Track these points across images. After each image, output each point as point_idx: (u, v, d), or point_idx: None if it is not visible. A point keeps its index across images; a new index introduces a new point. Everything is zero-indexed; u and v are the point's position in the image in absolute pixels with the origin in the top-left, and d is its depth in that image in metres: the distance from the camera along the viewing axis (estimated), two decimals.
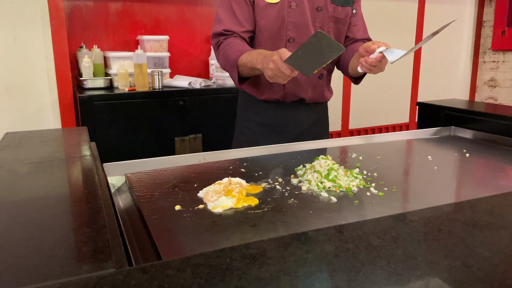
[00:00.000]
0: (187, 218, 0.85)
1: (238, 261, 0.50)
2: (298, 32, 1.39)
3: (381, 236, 0.57)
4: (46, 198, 0.74)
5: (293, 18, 1.37)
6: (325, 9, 1.40)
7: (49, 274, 0.48)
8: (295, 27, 1.38)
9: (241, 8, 1.36)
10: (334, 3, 1.42)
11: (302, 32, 1.39)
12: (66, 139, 1.23)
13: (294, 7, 1.36)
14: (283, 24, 1.38)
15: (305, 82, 1.46)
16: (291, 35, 1.39)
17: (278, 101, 1.48)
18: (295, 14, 1.37)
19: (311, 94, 1.50)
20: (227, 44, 1.35)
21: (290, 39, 1.40)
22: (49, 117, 2.41)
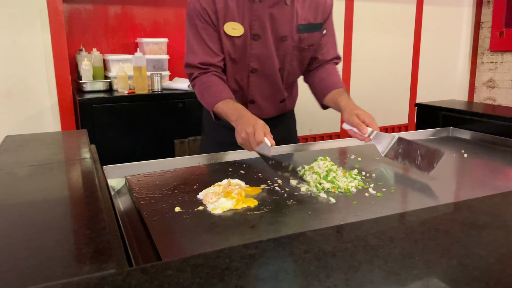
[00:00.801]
0: (186, 220, 0.86)
1: (237, 261, 0.51)
2: (261, 63, 1.37)
3: (379, 236, 0.57)
4: (46, 200, 0.75)
5: (256, 50, 1.35)
6: (290, 38, 1.37)
7: (50, 275, 0.49)
8: (258, 59, 1.36)
9: (211, 37, 1.33)
10: (300, 32, 1.38)
11: (265, 63, 1.38)
12: (66, 142, 1.23)
13: (258, 39, 1.33)
14: (246, 56, 1.36)
15: (267, 108, 1.49)
16: (254, 66, 1.38)
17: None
18: (258, 46, 1.34)
19: (274, 114, 1.53)
20: (203, 82, 1.34)
21: (253, 70, 1.38)
22: (49, 120, 2.42)
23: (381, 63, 3.70)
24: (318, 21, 1.41)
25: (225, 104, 1.27)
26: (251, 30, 1.32)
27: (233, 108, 1.24)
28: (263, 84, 1.43)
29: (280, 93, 1.48)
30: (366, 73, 3.64)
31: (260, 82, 1.42)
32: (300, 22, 1.37)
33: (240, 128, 1.15)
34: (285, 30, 1.35)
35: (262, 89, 1.44)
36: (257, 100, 1.45)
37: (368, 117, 1.23)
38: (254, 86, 1.42)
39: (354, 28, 3.48)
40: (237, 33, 1.32)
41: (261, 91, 1.44)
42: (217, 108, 1.29)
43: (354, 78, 3.59)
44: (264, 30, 1.33)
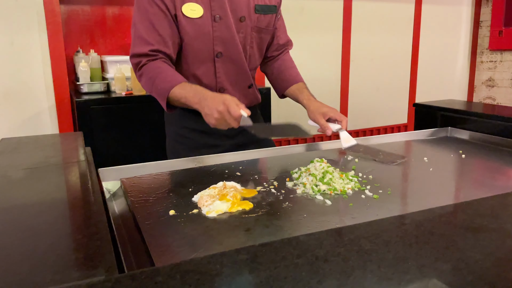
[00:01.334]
0: (181, 223, 0.85)
1: (228, 267, 0.50)
2: (225, 46, 1.33)
3: (373, 240, 0.57)
4: (39, 204, 0.74)
5: (219, 32, 1.30)
6: (248, 19, 1.35)
7: (39, 282, 0.48)
8: (222, 41, 1.32)
9: (161, 23, 1.25)
10: (258, 13, 1.36)
11: (229, 46, 1.34)
12: (61, 144, 1.23)
13: (219, 20, 1.29)
14: (209, 39, 1.30)
15: (237, 95, 1.39)
16: (218, 50, 1.33)
17: None
18: (220, 28, 1.30)
19: (246, 103, 1.44)
20: (152, 69, 1.25)
21: (218, 54, 1.33)
22: (47, 121, 2.41)
23: (380, 62, 3.69)
24: (272, 3, 1.41)
25: (182, 88, 1.19)
26: (211, 11, 1.27)
27: (192, 90, 1.18)
28: (229, 69, 1.38)
29: (247, 77, 1.44)
30: (365, 73, 3.63)
31: (226, 67, 1.37)
32: (257, 2, 1.36)
33: (208, 109, 1.09)
34: (243, 10, 1.33)
35: (230, 74, 1.39)
36: (226, 87, 1.40)
37: (333, 114, 1.26)
38: (222, 72, 1.37)
39: (353, 27, 3.48)
40: (197, 14, 1.26)
41: (229, 77, 1.39)
42: (173, 94, 1.20)
43: (353, 78, 3.58)
44: (224, 11, 1.29)
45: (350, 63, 3.54)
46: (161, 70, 1.24)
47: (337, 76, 3.53)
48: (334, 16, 3.42)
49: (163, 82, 1.22)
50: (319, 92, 3.45)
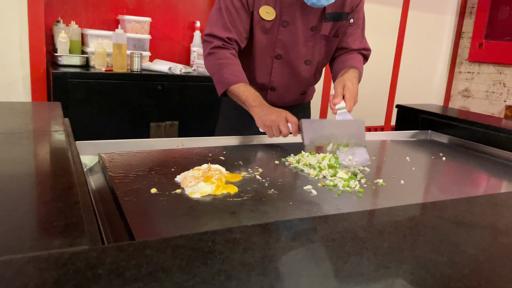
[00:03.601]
0: (163, 202, 0.82)
1: (221, 245, 0.48)
2: (286, 50, 1.39)
3: (367, 229, 0.56)
4: (15, 170, 0.69)
5: (283, 36, 1.36)
6: (319, 28, 1.39)
7: (17, 247, 0.44)
8: (284, 45, 1.38)
9: (242, 17, 1.34)
10: (327, 21, 1.39)
11: (290, 51, 1.39)
12: (38, 112, 1.17)
13: (286, 25, 1.35)
14: (273, 41, 1.38)
15: (287, 97, 1.51)
16: (279, 52, 1.39)
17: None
18: (285, 33, 1.36)
19: (292, 103, 1.55)
20: (226, 57, 1.32)
21: (278, 56, 1.40)
22: (19, 91, 2.30)
23: None
24: (345, 10, 1.42)
25: (247, 88, 1.28)
26: (281, 16, 1.34)
27: (255, 94, 1.27)
28: (286, 72, 1.44)
29: (301, 84, 1.50)
30: None
31: (283, 69, 1.43)
32: (328, 11, 1.37)
33: (264, 114, 1.20)
34: (314, 19, 1.37)
35: (284, 77, 1.45)
36: (277, 87, 1.46)
37: (350, 93, 1.22)
38: (277, 72, 1.43)
39: None
40: (270, 17, 1.34)
41: (283, 79, 1.45)
42: (236, 88, 1.28)
43: None
44: (294, 18, 1.35)
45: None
46: (233, 62, 1.32)
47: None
48: None
49: (232, 74, 1.30)
50: None
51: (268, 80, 1.45)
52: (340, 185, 0.97)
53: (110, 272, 0.40)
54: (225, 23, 1.33)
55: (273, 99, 1.48)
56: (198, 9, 2.99)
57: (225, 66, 1.31)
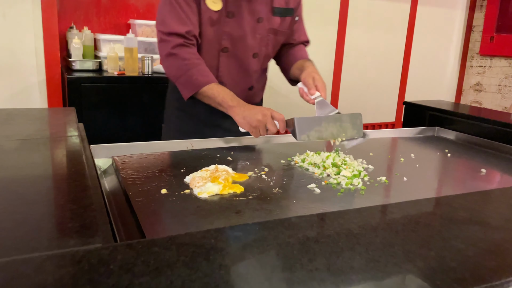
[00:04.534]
0: (172, 202, 0.86)
1: (222, 242, 0.51)
2: (233, 43, 1.35)
3: (361, 226, 0.59)
4: (32, 174, 0.74)
5: (229, 28, 1.32)
6: (266, 20, 1.36)
7: (36, 247, 0.49)
8: (230, 38, 1.34)
9: (192, 8, 1.27)
10: (275, 15, 1.37)
11: (237, 44, 1.35)
12: (54, 118, 1.22)
13: (232, 17, 1.30)
14: (219, 33, 1.32)
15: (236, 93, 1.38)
16: (225, 45, 1.35)
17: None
18: (231, 25, 1.31)
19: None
20: (191, 57, 1.27)
21: (224, 49, 1.35)
22: (36, 96, 2.38)
23: (372, 60, 3.72)
24: (290, 6, 1.41)
25: (221, 88, 1.26)
26: (226, 6, 1.29)
27: (230, 94, 1.25)
28: (233, 66, 1.39)
29: (250, 79, 1.45)
30: (357, 70, 3.66)
31: (230, 63, 1.39)
32: (275, 5, 1.36)
33: (248, 115, 1.18)
34: (262, 11, 1.34)
35: (232, 71, 1.41)
36: (226, 82, 1.41)
37: (321, 84, 1.25)
38: (224, 67, 1.39)
39: (349, 23, 3.49)
40: (217, 7, 1.29)
41: (231, 74, 1.41)
42: (209, 89, 1.25)
43: (345, 74, 3.60)
44: (240, 8, 1.30)
45: (343, 58, 3.56)
46: (199, 62, 1.29)
47: (329, 70, 3.55)
48: (331, 10, 3.43)
49: (201, 75, 1.27)
50: None
51: (216, 74, 1.39)
52: (343, 183, 1.00)
53: (121, 267, 0.45)
54: (179, 17, 1.26)
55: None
56: None
57: (193, 67, 1.27)
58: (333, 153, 1.18)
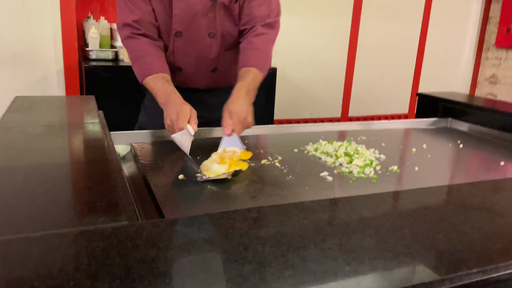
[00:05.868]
0: (190, 187, 0.90)
1: (240, 222, 0.55)
2: (185, 25, 1.29)
3: (372, 210, 0.61)
4: (59, 158, 0.78)
5: (179, 10, 1.26)
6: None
7: (69, 223, 0.53)
8: (181, 20, 1.28)
9: None
10: None
11: (190, 26, 1.30)
12: (75, 106, 1.26)
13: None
14: (168, 16, 1.28)
15: (196, 77, 1.40)
16: (177, 29, 1.30)
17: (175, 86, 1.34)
18: (180, 6, 1.26)
19: (206, 84, 1.44)
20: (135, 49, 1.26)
21: (177, 33, 1.30)
22: (54, 85, 2.44)
23: (386, 50, 3.71)
24: None
25: (155, 83, 1.21)
26: None
27: (162, 89, 1.19)
28: (190, 50, 1.34)
29: (210, 60, 1.38)
30: (371, 60, 3.65)
31: (186, 47, 1.34)
32: None
33: (166, 114, 1.12)
34: None
35: (189, 55, 1.35)
36: (184, 67, 1.38)
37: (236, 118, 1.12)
38: (180, 52, 1.34)
39: (363, 13, 3.48)
40: None
41: (188, 58, 1.36)
42: (145, 82, 1.24)
43: (359, 64, 3.60)
44: None
45: (357, 49, 3.55)
46: (142, 54, 1.25)
47: (343, 61, 3.54)
48: (345, 1, 3.42)
49: (141, 68, 1.25)
50: (324, 75, 3.50)
51: (173, 60, 1.35)
52: (355, 171, 1.03)
53: (147, 243, 0.48)
54: (128, 6, 1.25)
55: (183, 81, 1.40)
56: None
57: (135, 60, 1.26)
58: (346, 143, 1.20)
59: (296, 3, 3.19)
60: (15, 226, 0.51)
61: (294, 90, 3.38)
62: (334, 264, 0.47)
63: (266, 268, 0.45)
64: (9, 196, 0.60)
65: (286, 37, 3.17)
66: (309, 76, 3.40)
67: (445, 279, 0.46)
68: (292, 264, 0.46)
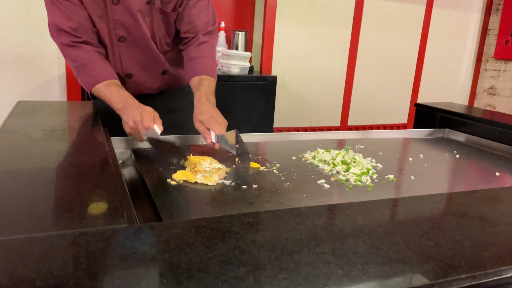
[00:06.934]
0: (188, 192, 0.91)
1: (236, 226, 0.56)
2: (127, 30, 1.27)
3: (366, 216, 0.63)
4: (61, 162, 0.80)
5: (118, 15, 1.24)
6: (156, 1, 1.27)
7: (68, 224, 0.54)
8: (123, 25, 1.26)
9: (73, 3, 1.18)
10: None
11: (131, 31, 1.28)
12: (76, 111, 1.28)
13: (117, 3, 1.22)
14: (109, 22, 1.25)
15: (147, 82, 1.39)
16: (120, 34, 1.28)
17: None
18: (119, 11, 1.24)
19: (159, 87, 1.44)
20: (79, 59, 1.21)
21: (121, 38, 1.29)
22: (56, 90, 2.46)
23: (386, 61, 3.74)
24: None
25: (108, 90, 1.18)
26: None
27: (118, 95, 1.16)
28: (136, 54, 1.33)
29: (160, 63, 1.38)
30: (370, 70, 3.68)
31: (132, 52, 1.32)
32: None
33: (127, 117, 1.09)
34: None
35: (137, 59, 1.34)
36: (133, 73, 1.36)
37: (209, 123, 1.13)
38: (127, 57, 1.33)
39: (363, 24, 3.51)
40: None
41: (137, 62, 1.35)
42: (96, 91, 1.19)
43: (358, 75, 3.63)
44: None
45: (357, 59, 3.58)
46: (87, 62, 1.21)
47: (343, 71, 3.57)
48: (345, 11, 3.45)
49: (88, 76, 1.20)
50: (324, 84, 3.52)
51: (121, 67, 1.33)
52: (352, 179, 1.04)
53: (145, 244, 0.49)
54: (62, 11, 1.18)
55: (135, 88, 1.37)
56: (222, 9, 3.09)
57: (81, 69, 1.21)
58: (343, 151, 1.22)
59: (297, 13, 3.23)
60: (17, 227, 0.53)
61: (294, 98, 3.40)
62: (327, 268, 0.48)
63: (261, 271, 0.46)
64: (11, 198, 0.61)
65: (287, 46, 3.21)
66: (309, 85, 3.43)
67: (435, 284, 0.47)
68: (286, 267, 0.47)
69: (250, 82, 2.62)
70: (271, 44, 3.11)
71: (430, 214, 0.67)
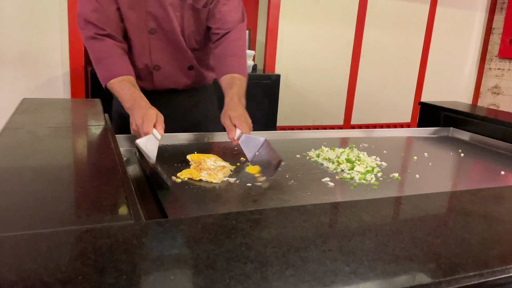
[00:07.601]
0: (193, 190, 0.91)
1: (243, 223, 0.56)
2: (159, 22, 1.30)
3: (372, 214, 0.63)
4: (67, 158, 0.80)
5: (152, 8, 1.27)
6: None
7: (75, 221, 0.54)
8: (155, 18, 1.29)
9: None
10: None
11: (163, 23, 1.30)
12: (81, 109, 1.28)
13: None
14: (142, 14, 1.27)
15: (174, 75, 1.41)
16: (151, 26, 1.30)
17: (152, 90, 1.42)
18: (152, 4, 1.26)
19: (185, 83, 1.46)
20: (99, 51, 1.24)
21: (152, 30, 1.31)
22: (60, 88, 2.46)
23: (389, 60, 3.73)
24: None
25: (121, 87, 1.20)
26: None
27: (128, 93, 1.18)
28: (166, 46, 1.35)
29: (187, 58, 1.40)
30: (374, 69, 3.67)
31: (162, 44, 1.34)
32: None
33: (132, 119, 1.10)
34: None
35: (166, 52, 1.36)
36: (162, 65, 1.38)
37: (237, 120, 1.12)
38: (156, 49, 1.35)
39: (366, 22, 3.51)
40: None
41: (165, 55, 1.37)
42: (110, 86, 1.22)
43: (362, 73, 3.62)
44: None
45: (360, 58, 3.57)
46: (105, 56, 1.23)
47: (346, 70, 3.57)
48: (349, 10, 3.45)
49: (104, 70, 1.23)
50: (327, 83, 3.52)
51: (150, 58, 1.36)
52: (357, 178, 1.04)
53: (152, 241, 0.49)
54: (92, 3, 1.22)
55: (161, 81, 1.40)
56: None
57: (99, 61, 1.24)
58: (348, 149, 1.22)
59: (300, 12, 3.22)
60: (24, 223, 0.53)
61: (297, 97, 3.40)
62: (334, 265, 0.48)
63: (268, 268, 0.46)
64: (18, 194, 0.62)
65: (290, 45, 3.20)
66: (312, 83, 3.42)
67: (442, 282, 0.47)
68: (293, 264, 0.47)
69: (254, 80, 2.62)
70: (275, 42, 3.11)
71: (436, 212, 0.66)
